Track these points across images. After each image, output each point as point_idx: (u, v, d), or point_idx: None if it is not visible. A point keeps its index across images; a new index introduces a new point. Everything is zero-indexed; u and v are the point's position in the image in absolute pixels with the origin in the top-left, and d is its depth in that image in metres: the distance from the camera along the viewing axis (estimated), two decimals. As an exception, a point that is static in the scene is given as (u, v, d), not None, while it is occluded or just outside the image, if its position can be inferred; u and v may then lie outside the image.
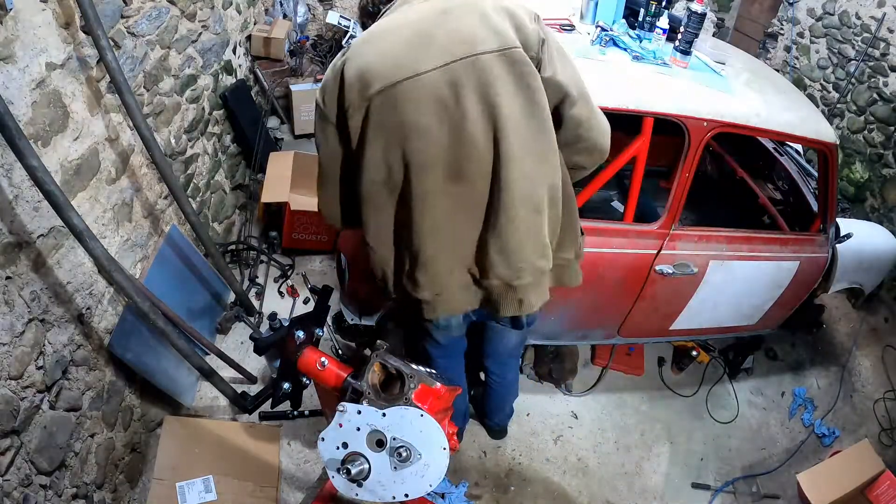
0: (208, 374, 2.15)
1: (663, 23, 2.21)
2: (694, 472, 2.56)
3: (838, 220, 2.45)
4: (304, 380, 1.49)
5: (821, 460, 2.54)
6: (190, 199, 2.53)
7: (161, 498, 2.03)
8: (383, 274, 1.54)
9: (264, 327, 2.76)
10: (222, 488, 2.09)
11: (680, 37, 2.15)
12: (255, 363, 2.58)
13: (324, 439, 1.24)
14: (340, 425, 1.22)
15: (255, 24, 3.94)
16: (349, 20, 4.33)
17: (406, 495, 1.23)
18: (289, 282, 3.08)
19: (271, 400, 1.57)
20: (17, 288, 1.52)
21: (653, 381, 2.87)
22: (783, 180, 2.90)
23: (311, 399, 1.59)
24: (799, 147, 3.04)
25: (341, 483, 1.23)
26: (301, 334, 1.44)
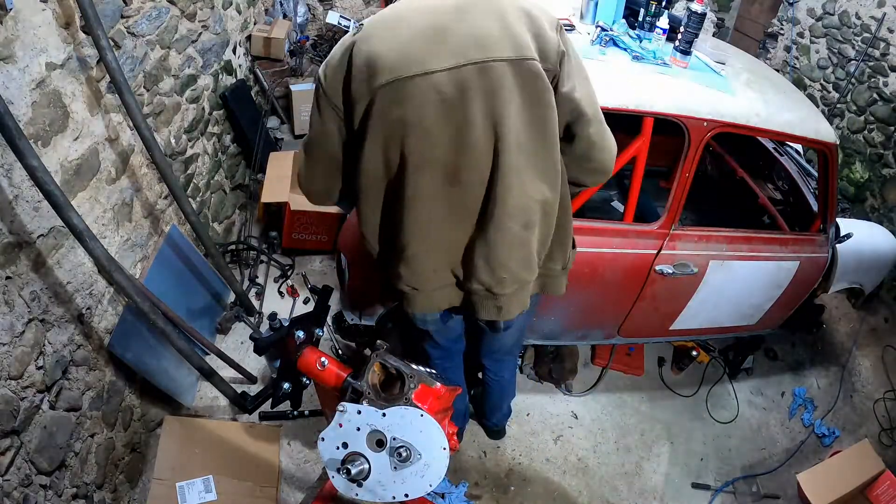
0: (208, 374, 2.15)
1: (663, 23, 2.21)
2: (694, 472, 2.56)
3: (838, 220, 2.45)
4: (304, 380, 1.49)
5: (821, 460, 2.54)
6: (190, 199, 2.53)
7: (161, 498, 2.03)
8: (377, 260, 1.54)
9: (264, 327, 2.76)
10: (222, 488, 2.09)
11: (680, 37, 2.15)
12: (255, 363, 2.58)
13: (324, 439, 1.24)
14: (340, 425, 1.22)
15: (255, 24, 3.94)
16: (349, 20, 4.33)
17: (406, 495, 1.23)
18: (289, 282, 3.08)
19: (271, 400, 1.57)
20: (17, 288, 1.52)
21: (653, 381, 2.87)
22: (783, 180, 2.90)
23: (311, 399, 1.59)
24: (799, 147, 3.04)
25: (341, 483, 1.23)
26: (301, 334, 1.44)
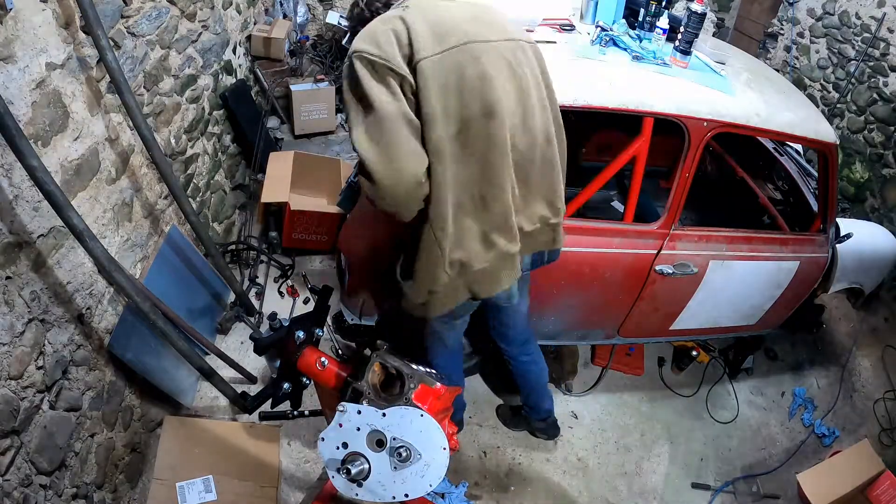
0: (208, 374, 2.15)
1: (663, 23, 2.21)
2: (694, 472, 2.56)
3: (838, 220, 2.45)
4: (304, 380, 1.49)
5: (821, 460, 2.54)
6: (190, 199, 2.53)
7: (161, 498, 2.03)
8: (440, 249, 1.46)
9: (264, 327, 2.76)
10: (222, 488, 2.09)
11: (680, 37, 2.15)
12: (255, 363, 2.58)
13: (324, 439, 1.24)
14: (340, 425, 1.22)
15: (255, 24, 3.94)
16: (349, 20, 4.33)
17: (406, 495, 1.23)
18: (289, 282, 3.08)
19: (271, 400, 1.57)
20: (17, 288, 1.52)
21: (653, 381, 2.87)
22: (783, 180, 2.91)
23: (311, 399, 1.59)
24: (799, 147, 3.04)
25: (341, 483, 1.23)
26: (301, 334, 1.44)
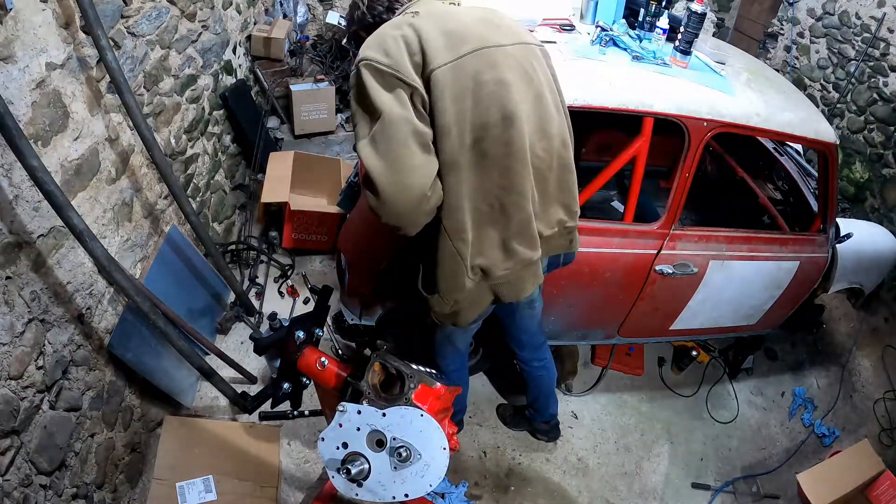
0: (208, 374, 2.15)
1: (663, 23, 2.21)
2: (694, 472, 2.56)
3: (838, 220, 2.45)
4: (304, 380, 1.49)
5: (821, 460, 2.54)
6: (190, 199, 2.53)
7: (161, 498, 2.03)
8: (460, 257, 1.45)
9: (264, 327, 2.76)
10: (222, 488, 2.09)
11: (680, 37, 2.15)
12: (255, 363, 2.58)
13: (324, 439, 1.24)
14: (340, 425, 1.22)
15: (255, 24, 3.94)
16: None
17: (406, 495, 1.23)
18: (289, 282, 3.08)
19: (271, 400, 1.56)
20: (17, 288, 1.52)
21: (653, 381, 2.87)
22: (783, 180, 2.91)
23: (311, 399, 1.59)
24: (799, 147, 3.04)
25: (341, 483, 1.23)
26: (301, 334, 1.44)
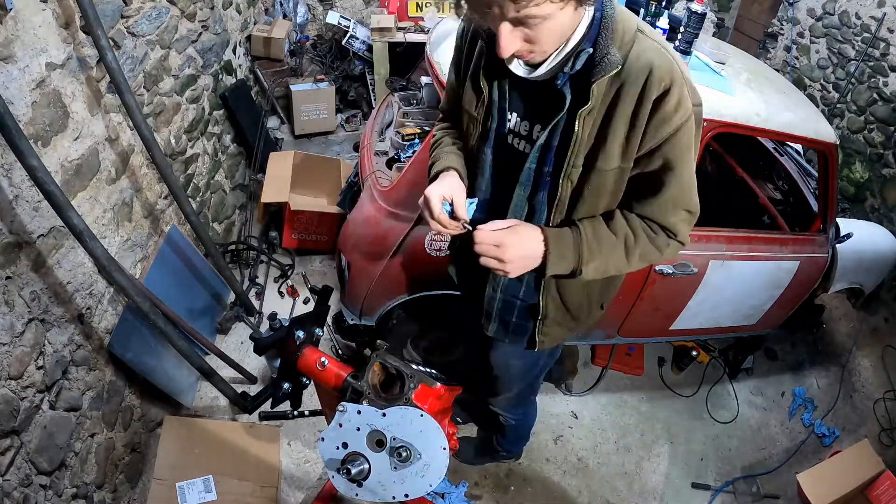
0: (208, 374, 2.15)
1: (663, 23, 2.21)
2: (694, 472, 2.56)
3: (838, 220, 2.45)
4: (304, 380, 1.49)
5: (821, 460, 2.54)
6: (190, 199, 2.53)
7: (161, 498, 2.03)
8: None
9: (264, 327, 2.76)
10: (222, 488, 2.09)
11: (680, 37, 2.15)
12: (255, 363, 2.58)
13: (324, 439, 1.23)
14: (340, 425, 1.22)
15: (255, 24, 3.94)
16: (349, 20, 4.33)
17: (406, 495, 1.23)
18: (289, 282, 3.08)
19: (271, 400, 1.56)
20: (17, 288, 1.52)
21: (653, 381, 2.87)
22: (783, 180, 2.90)
23: (311, 399, 1.59)
24: (799, 147, 3.04)
25: (341, 483, 1.23)
26: (301, 334, 1.44)
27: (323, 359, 1.41)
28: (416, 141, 2.47)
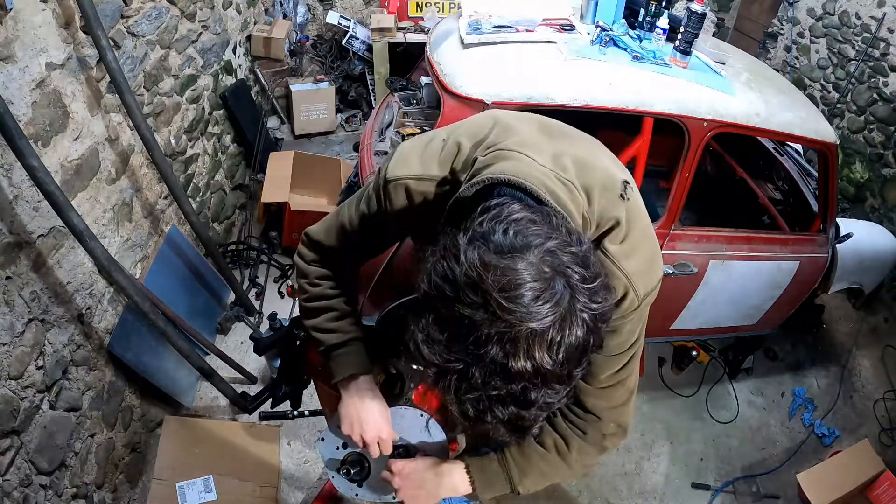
0: (208, 374, 2.15)
1: (663, 23, 2.21)
2: (694, 472, 2.55)
3: (838, 220, 2.44)
4: (304, 379, 1.49)
5: (821, 460, 2.54)
6: (190, 199, 2.53)
7: (161, 498, 2.03)
8: None
9: (264, 327, 2.76)
10: (222, 488, 2.09)
11: (680, 37, 2.15)
12: (255, 363, 2.58)
13: (324, 439, 1.23)
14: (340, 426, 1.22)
15: (255, 24, 3.94)
16: (349, 20, 4.33)
17: (406, 495, 1.23)
18: (289, 282, 3.08)
19: (271, 400, 1.57)
20: (17, 288, 1.51)
21: (653, 381, 2.87)
22: (783, 180, 2.90)
23: (311, 399, 1.59)
24: (799, 147, 3.04)
25: (341, 483, 1.23)
26: (301, 334, 1.44)
27: (323, 359, 1.40)
28: (416, 141, 2.46)
